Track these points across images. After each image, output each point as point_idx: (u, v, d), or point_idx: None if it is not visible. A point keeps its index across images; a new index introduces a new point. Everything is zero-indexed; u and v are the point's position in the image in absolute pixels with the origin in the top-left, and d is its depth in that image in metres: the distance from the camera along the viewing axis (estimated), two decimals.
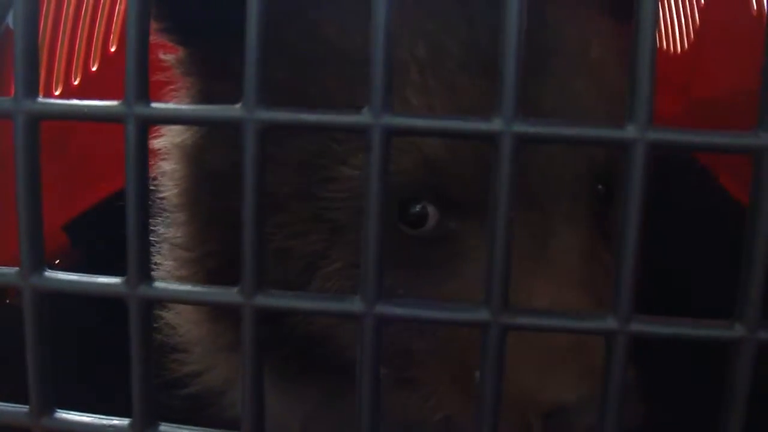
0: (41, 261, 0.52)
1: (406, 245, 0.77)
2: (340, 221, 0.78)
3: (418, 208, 0.76)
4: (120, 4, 1.32)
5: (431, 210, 0.76)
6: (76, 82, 1.26)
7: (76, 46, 1.26)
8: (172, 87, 0.90)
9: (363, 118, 0.46)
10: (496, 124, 0.45)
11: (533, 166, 0.74)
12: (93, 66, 1.31)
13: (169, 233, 0.94)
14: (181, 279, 0.91)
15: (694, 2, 1.52)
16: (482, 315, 0.47)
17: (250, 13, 0.46)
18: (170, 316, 0.99)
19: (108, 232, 0.97)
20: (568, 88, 0.75)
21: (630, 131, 0.45)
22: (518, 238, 0.72)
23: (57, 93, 1.22)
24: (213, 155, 0.86)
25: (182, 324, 1.00)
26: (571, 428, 0.66)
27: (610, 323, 0.47)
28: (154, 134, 0.92)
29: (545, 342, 0.66)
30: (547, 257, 0.73)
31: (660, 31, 1.59)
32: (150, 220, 0.64)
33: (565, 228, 0.74)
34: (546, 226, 0.74)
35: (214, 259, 0.88)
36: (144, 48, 0.49)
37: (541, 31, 0.77)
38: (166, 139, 0.93)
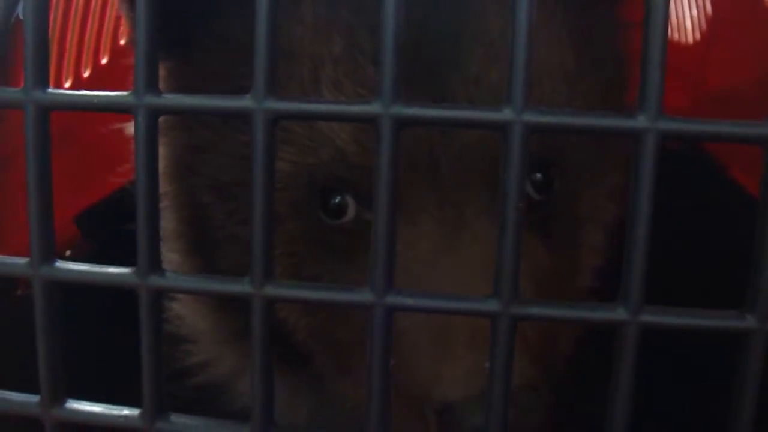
0: (51, 251, 0.52)
1: (329, 236, 0.79)
2: (277, 212, 0.79)
3: (337, 199, 0.78)
4: None
5: (350, 202, 0.78)
6: (86, 75, 1.26)
7: (86, 38, 1.26)
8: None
9: (373, 108, 0.46)
10: (506, 114, 0.45)
11: (445, 158, 0.74)
12: (103, 58, 1.32)
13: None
14: (172, 264, 0.92)
15: None
16: (491, 306, 0.47)
17: (259, 4, 0.46)
18: (178, 307, 1.00)
19: (118, 224, 0.98)
20: (483, 80, 0.75)
21: (640, 121, 0.45)
22: (428, 236, 0.73)
23: (67, 85, 1.22)
24: (175, 139, 0.87)
25: (189, 315, 1.00)
26: (458, 427, 0.66)
27: (620, 314, 0.46)
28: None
29: (444, 336, 0.67)
30: (451, 258, 0.72)
31: (672, 22, 1.58)
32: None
33: (477, 224, 0.73)
34: (457, 222, 0.73)
35: (183, 241, 0.91)
36: (153, 39, 0.49)
37: (462, 19, 0.76)
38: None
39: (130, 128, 0.91)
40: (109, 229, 0.98)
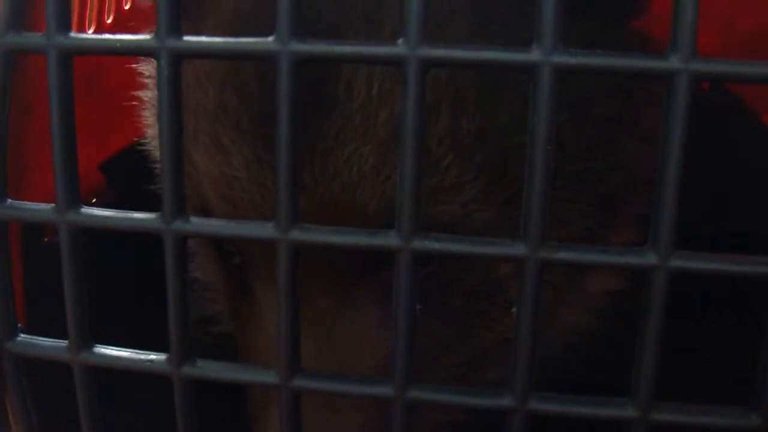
0: (76, 197, 0.52)
1: (227, 272, 0.84)
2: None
3: (225, 246, 0.82)
4: None
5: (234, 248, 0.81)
6: (109, 21, 1.25)
7: None
8: None
9: (399, 49, 0.45)
10: (534, 55, 0.44)
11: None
12: (126, 4, 1.30)
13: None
14: None
15: None
16: (519, 250, 0.47)
17: None
18: (199, 258, 1.00)
19: (142, 172, 0.98)
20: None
21: (672, 62, 0.44)
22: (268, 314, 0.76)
23: (90, 31, 1.21)
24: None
25: (208, 268, 1.00)
26: None
27: (650, 258, 0.46)
28: None
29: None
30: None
31: None
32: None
33: (323, 303, 0.74)
34: (304, 300, 0.71)
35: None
36: None
37: None
38: (147, 68, 0.98)
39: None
40: (134, 177, 0.98)
